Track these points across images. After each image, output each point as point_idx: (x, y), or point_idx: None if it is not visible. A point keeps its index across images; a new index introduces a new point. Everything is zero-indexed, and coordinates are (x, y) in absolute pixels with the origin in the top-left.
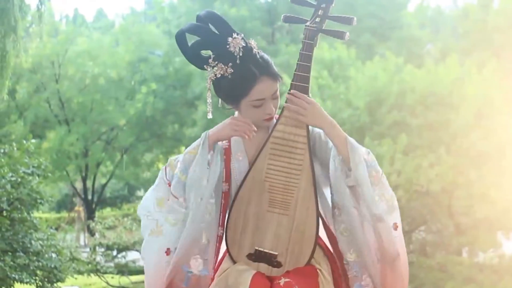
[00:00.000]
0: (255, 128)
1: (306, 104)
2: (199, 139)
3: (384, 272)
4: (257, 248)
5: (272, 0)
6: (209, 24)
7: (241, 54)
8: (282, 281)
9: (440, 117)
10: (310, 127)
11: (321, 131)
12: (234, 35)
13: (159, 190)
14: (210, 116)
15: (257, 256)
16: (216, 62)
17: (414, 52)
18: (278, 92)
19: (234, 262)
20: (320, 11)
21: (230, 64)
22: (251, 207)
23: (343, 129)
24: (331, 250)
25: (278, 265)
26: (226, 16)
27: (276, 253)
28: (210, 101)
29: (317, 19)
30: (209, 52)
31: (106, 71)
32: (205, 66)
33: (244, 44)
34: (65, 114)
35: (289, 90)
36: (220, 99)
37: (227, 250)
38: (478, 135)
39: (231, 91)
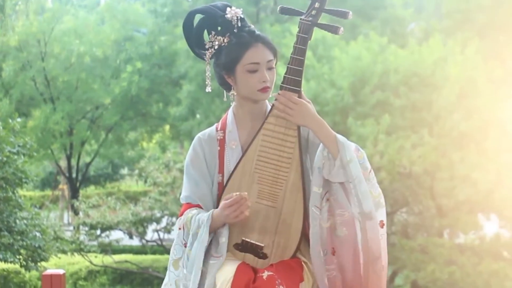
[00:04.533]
0: (247, 198)
1: (293, 104)
2: (204, 217)
3: (366, 271)
4: (244, 238)
5: None
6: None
7: (239, 24)
8: (265, 275)
9: (423, 98)
10: None
11: None
12: (233, 7)
13: (176, 252)
14: (208, 89)
15: (244, 247)
16: (216, 36)
17: (397, 32)
18: (273, 64)
19: None
20: (316, 3)
21: (227, 34)
22: None
23: (326, 110)
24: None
25: (264, 256)
26: None
27: (262, 245)
28: (209, 74)
29: (313, 12)
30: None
31: (92, 49)
32: (204, 42)
33: (241, 16)
34: (50, 92)
35: (282, 82)
36: (224, 91)
37: None
38: (460, 115)
39: (227, 57)
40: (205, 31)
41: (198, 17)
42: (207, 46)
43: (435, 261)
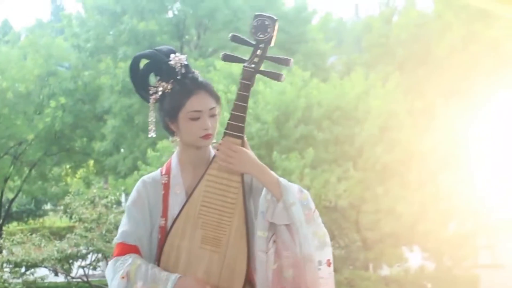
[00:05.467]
0: None
1: (233, 152)
2: (165, 276)
3: None
4: None
5: (180, 14)
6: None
7: (183, 71)
8: None
9: (345, 131)
10: None
11: None
12: (178, 53)
13: None
14: (153, 134)
15: None
16: (160, 82)
17: (319, 66)
18: (216, 112)
19: None
20: (258, 51)
21: (171, 80)
22: (184, 242)
23: (251, 144)
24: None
25: None
26: (135, 31)
27: None
28: (153, 119)
29: (255, 59)
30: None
31: (15, 85)
32: (149, 87)
33: (185, 63)
34: None
35: (225, 129)
36: (169, 136)
37: None
38: (383, 148)
39: (170, 104)
40: (152, 74)
41: (144, 61)
42: (151, 92)
43: None
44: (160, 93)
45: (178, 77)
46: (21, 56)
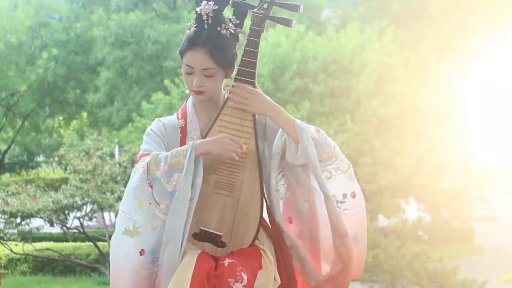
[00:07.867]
0: (245, 149)
1: (247, 94)
2: (184, 147)
3: (336, 245)
4: (202, 228)
5: None
6: None
7: (209, 22)
8: (226, 262)
9: (341, 84)
10: None
11: None
12: (210, 3)
13: (142, 192)
14: None
15: (203, 236)
16: (193, 22)
17: (314, 19)
18: (212, 73)
19: None
20: None
21: (196, 25)
22: None
23: None
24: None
25: (223, 245)
26: None
27: (220, 234)
28: None
29: (265, 5)
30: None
31: (6, 36)
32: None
33: (212, 15)
34: None
35: (236, 74)
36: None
37: None
38: (379, 102)
39: (180, 49)
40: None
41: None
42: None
43: None
44: (187, 30)
45: (205, 26)
46: (11, 6)
